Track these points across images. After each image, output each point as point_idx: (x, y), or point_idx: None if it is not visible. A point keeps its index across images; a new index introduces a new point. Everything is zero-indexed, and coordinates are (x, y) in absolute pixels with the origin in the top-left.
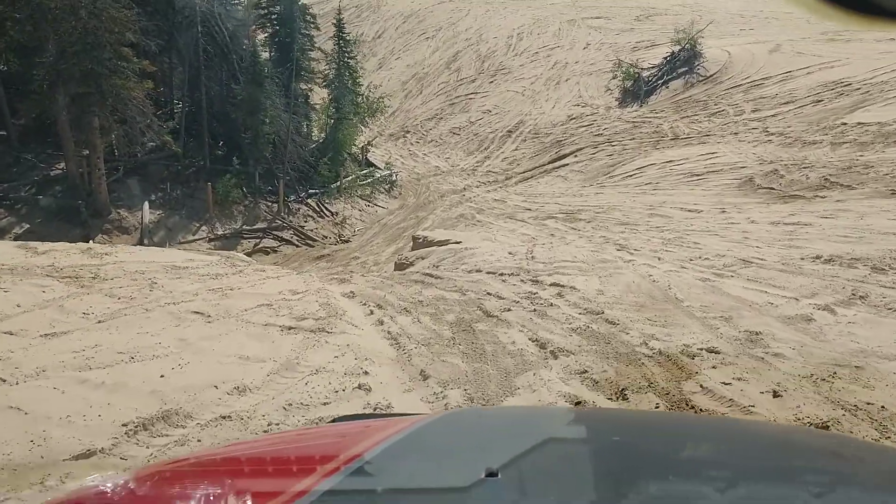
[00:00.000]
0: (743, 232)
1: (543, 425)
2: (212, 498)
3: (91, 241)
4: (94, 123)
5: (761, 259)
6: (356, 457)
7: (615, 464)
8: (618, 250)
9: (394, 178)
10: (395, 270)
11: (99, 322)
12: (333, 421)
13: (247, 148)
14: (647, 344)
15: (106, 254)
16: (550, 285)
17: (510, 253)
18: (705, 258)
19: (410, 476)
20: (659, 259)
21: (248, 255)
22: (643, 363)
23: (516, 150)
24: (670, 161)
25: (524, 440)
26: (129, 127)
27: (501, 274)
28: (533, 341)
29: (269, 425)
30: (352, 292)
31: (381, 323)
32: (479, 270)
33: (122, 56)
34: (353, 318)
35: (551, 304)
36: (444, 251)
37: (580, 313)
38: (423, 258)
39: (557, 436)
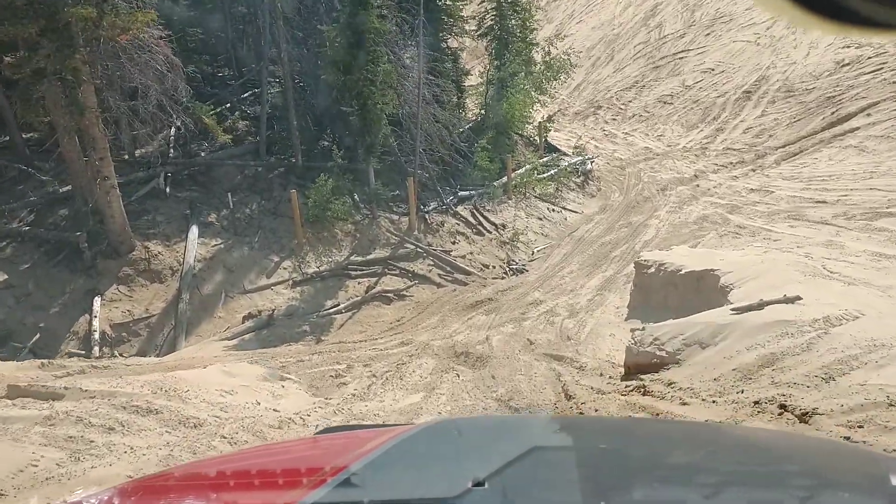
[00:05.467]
0: None
1: (528, 434)
2: None
3: (98, 299)
4: (82, 96)
5: None
6: (342, 468)
7: (601, 471)
8: None
9: (588, 166)
10: (624, 378)
11: None
12: (319, 433)
13: (355, 131)
14: None
15: None
16: None
17: None
18: None
19: (397, 487)
20: None
21: (358, 305)
22: None
23: (762, 116)
24: None
25: (510, 449)
26: (140, 103)
27: None
28: None
29: None
30: None
31: None
32: None
33: None
34: None
35: None
36: (762, 330)
37: None
38: (702, 346)
39: (543, 444)
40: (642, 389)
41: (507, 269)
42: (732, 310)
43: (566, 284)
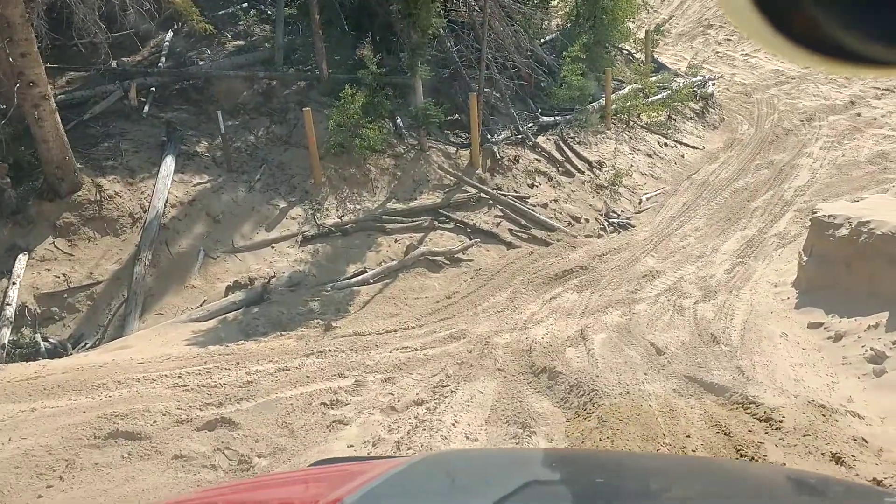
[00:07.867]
0: None
1: (524, 468)
2: None
3: (23, 257)
4: None
5: None
6: (335, 501)
7: None
8: None
9: (709, 88)
10: None
11: None
12: (313, 465)
13: (397, 27)
14: None
15: None
16: None
17: None
18: None
19: None
20: None
21: (394, 272)
22: None
23: None
24: None
25: (505, 483)
26: None
27: None
28: None
29: None
30: None
31: None
32: None
33: None
34: None
35: None
36: None
37: None
38: None
39: (539, 478)
40: None
41: (607, 223)
42: None
43: (691, 248)
